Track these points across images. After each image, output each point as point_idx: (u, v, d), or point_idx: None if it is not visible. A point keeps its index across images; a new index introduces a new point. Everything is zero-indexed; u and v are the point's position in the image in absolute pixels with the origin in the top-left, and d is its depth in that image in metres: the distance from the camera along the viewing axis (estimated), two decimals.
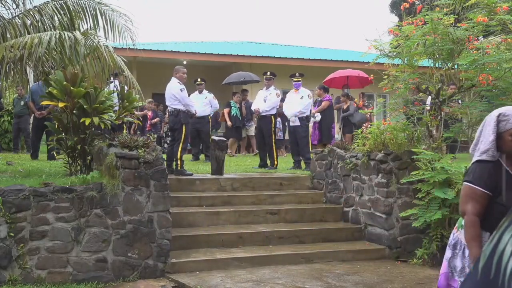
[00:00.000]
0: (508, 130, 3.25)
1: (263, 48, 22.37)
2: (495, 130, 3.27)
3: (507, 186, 3.24)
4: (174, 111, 9.33)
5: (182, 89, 9.31)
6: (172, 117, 9.45)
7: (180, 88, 9.30)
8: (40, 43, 7.05)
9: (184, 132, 9.27)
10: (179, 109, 9.25)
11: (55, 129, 7.69)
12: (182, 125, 9.24)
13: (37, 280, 5.89)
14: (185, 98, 9.32)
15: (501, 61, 6.69)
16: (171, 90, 9.36)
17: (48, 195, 6.04)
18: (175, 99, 9.29)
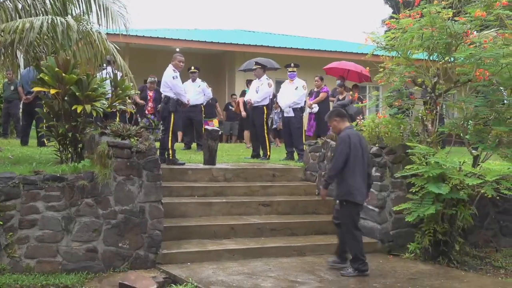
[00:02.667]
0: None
1: (257, 37, 22.22)
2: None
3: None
4: (165, 98, 9.22)
5: (174, 77, 9.19)
6: (163, 104, 9.36)
7: (173, 76, 9.18)
8: (31, 28, 6.92)
9: (172, 121, 9.13)
10: (170, 97, 9.14)
11: (45, 115, 7.57)
12: (170, 113, 9.12)
13: (26, 270, 5.82)
14: (176, 86, 9.18)
15: (498, 57, 6.64)
16: (165, 78, 9.25)
17: (38, 183, 5.95)
18: (167, 86, 9.18)
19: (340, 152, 5.98)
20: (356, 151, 5.99)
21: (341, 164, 5.95)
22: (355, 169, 5.99)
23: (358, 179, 6.01)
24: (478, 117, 7.19)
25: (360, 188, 6.03)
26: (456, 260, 6.87)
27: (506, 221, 8.15)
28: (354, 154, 5.98)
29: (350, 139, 6.00)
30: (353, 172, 5.98)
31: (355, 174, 5.98)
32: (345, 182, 6.00)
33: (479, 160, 7.20)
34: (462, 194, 6.59)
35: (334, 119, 6.35)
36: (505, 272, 6.74)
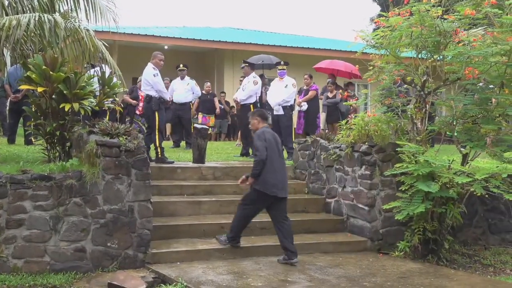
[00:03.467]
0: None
1: (246, 35, 22.17)
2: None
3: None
4: (147, 97, 9.13)
5: (155, 75, 9.10)
6: (145, 104, 9.28)
7: (154, 74, 9.09)
8: (18, 25, 6.82)
9: (158, 119, 9.07)
10: (151, 95, 9.05)
11: (32, 114, 7.49)
12: (153, 112, 9.05)
13: (13, 270, 5.76)
14: (158, 83, 9.09)
15: (487, 55, 6.66)
16: (145, 76, 9.17)
17: (25, 182, 5.89)
18: (148, 84, 9.09)
19: (259, 145, 6.43)
20: (271, 146, 6.46)
21: (263, 154, 6.35)
22: (273, 164, 6.41)
23: (274, 173, 6.40)
24: (467, 116, 7.21)
25: (272, 182, 6.38)
26: (445, 258, 6.90)
27: (495, 219, 8.19)
28: (270, 148, 6.42)
29: (265, 135, 6.50)
30: (270, 165, 6.38)
31: (271, 168, 6.39)
32: (263, 175, 6.36)
33: (468, 158, 7.22)
34: (452, 193, 6.61)
35: (256, 118, 6.79)
36: (494, 270, 6.78)
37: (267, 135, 6.55)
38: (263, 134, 6.54)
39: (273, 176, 6.40)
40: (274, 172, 6.42)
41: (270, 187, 6.39)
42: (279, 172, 6.51)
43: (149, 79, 9.05)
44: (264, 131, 6.60)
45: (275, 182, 6.41)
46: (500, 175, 6.49)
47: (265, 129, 6.67)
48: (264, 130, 6.63)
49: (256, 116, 6.82)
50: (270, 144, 6.47)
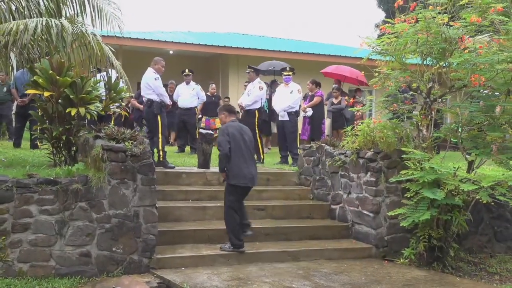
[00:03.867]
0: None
1: (250, 40, 22.21)
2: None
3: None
4: (148, 101, 9.16)
5: (156, 78, 9.16)
6: (146, 108, 9.31)
7: (155, 78, 9.15)
8: (26, 30, 6.85)
9: (160, 123, 9.11)
10: (153, 100, 9.09)
11: (39, 118, 7.52)
12: (155, 116, 9.09)
13: (18, 274, 5.76)
14: (159, 87, 9.15)
15: (493, 62, 6.65)
16: (146, 80, 9.21)
17: (31, 186, 5.90)
18: (149, 88, 9.13)
19: (221, 140, 6.71)
20: (235, 139, 6.70)
21: (226, 149, 6.61)
22: (238, 156, 6.67)
23: (240, 165, 6.66)
24: (473, 123, 7.20)
25: (241, 173, 6.65)
26: (450, 266, 6.87)
27: (501, 227, 8.16)
28: (234, 142, 6.68)
29: (228, 130, 6.75)
30: (234, 159, 6.65)
31: (236, 160, 6.65)
32: (230, 167, 6.66)
33: (473, 165, 7.21)
34: (457, 200, 6.58)
35: (223, 112, 7.10)
36: (500, 278, 6.75)
37: (231, 129, 6.76)
38: (226, 128, 6.78)
39: (243, 168, 6.67)
40: (244, 164, 6.69)
41: (243, 179, 6.67)
42: (249, 163, 6.76)
43: (151, 83, 9.09)
44: (228, 126, 6.84)
45: (245, 173, 6.69)
46: (506, 182, 6.47)
47: (230, 124, 6.90)
48: (228, 125, 6.87)
49: (223, 111, 7.10)
50: (234, 137, 6.70)
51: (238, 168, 6.66)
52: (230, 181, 6.68)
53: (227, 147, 6.61)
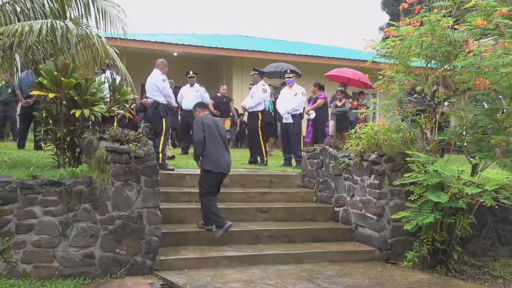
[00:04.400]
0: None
1: (254, 42, 22.23)
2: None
3: None
4: (154, 103, 9.16)
5: (164, 80, 9.18)
6: (152, 109, 9.30)
7: (163, 79, 9.17)
8: (31, 32, 6.88)
9: (165, 125, 9.12)
10: (159, 102, 9.09)
11: (43, 119, 7.54)
12: (161, 118, 9.09)
13: (22, 275, 5.77)
14: (167, 89, 9.17)
15: (498, 66, 6.64)
16: (153, 81, 9.20)
17: (35, 188, 5.91)
18: (156, 90, 9.13)
19: (196, 129, 7.19)
20: (209, 129, 7.12)
21: (200, 138, 7.05)
22: (212, 144, 7.08)
23: (214, 153, 7.06)
24: (477, 126, 7.19)
25: (215, 160, 7.06)
26: (454, 269, 6.85)
27: (504, 230, 8.14)
28: (208, 132, 7.09)
29: (203, 120, 7.18)
30: (210, 147, 7.06)
31: (211, 148, 7.07)
32: (206, 155, 7.07)
33: (478, 169, 7.19)
34: (461, 203, 6.57)
35: (197, 109, 7.57)
36: (503, 281, 6.73)
37: (205, 119, 7.23)
38: (201, 119, 7.24)
39: (217, 156, 7.08)
40: (217, 152, 7.10)
41: (218, 166, 7.06)
42: (223, 152, 7.18)
43: (159, 85, 9.10)
44: (202, 117, 7.29)
45: (220, 161, 7.09)
46: (510, 186, 6.46)
47: (204, 116, 7.35)
48: (203, 116, 7.32)
49: (196, 108, 7.61)
50: (208, 127, 7.12)
51: (213, 156, 7.05)
52: (206, 167, 7.03)
53: (201, 135, 7.03)
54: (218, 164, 7.06)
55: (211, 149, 7.06)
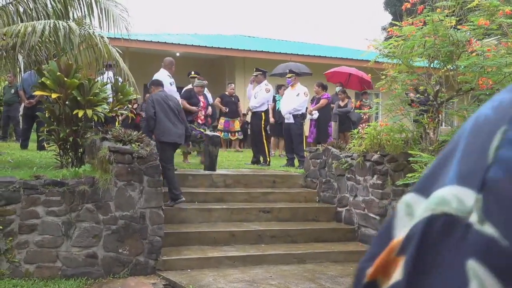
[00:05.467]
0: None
1: (257, 42, 22.22)
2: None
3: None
4: None
5: (171, 83, 9.18)
6: None
7: (170, 82, 9.17)
8: (33, 32, 6.89)
9: None
10: None
11: (46, 120, 7.55)
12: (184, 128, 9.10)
13: (25, 275, 5.78)
14: (174, 93, 9.18)
15: (501, 65, 6.63)
16: None
17: (38, 188, 5.92)
18: None
19: (146, 107, 7.80)
20: (160, 105, 7.51)
21: (150, 114, 7.52)
22: (164, 117, 7.47)
23: (167, 125, 7.47)
24: None
25: (169, 131, 7.49)
26: None
27: None
28: (159, 107, 7.48)
29: (153, 97, 7.63)
30: (162, 120, 7.46)
31: (164, 121, 7.47)
32: (159, 127, 7.49)
33: None
34: None
35: (151, 87, 8.06)
36: None
37: (155, 96, 7.69)
38: (151, 97, 7.73)
39: (170, 127, 7.48)
40: (170, 124, 7.49)
41: (171, 136, 7.49)
42: (175, 124, 7.55)
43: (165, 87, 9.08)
44: (153, 95, 7.76)
45: (172, 132, 7.51)
46: None
47: (156, 93, 7.77)
48: (154, 95, 7.76)
49: (151, 86, 8.09)
50: (158, 103, 7.54)
51: (166, 127, 7.48)
52: (160, 139, 7.42)
53: (151, 111, 7.49)
54: (169, 134, 7.48)
55: (164, 122, 7.46)
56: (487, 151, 0.50)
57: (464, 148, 0.53)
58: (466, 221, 0.49)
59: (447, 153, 0.56)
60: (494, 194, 0.48)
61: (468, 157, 0.52)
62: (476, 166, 0.50)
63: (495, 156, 0.49)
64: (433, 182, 0.55)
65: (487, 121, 0.53)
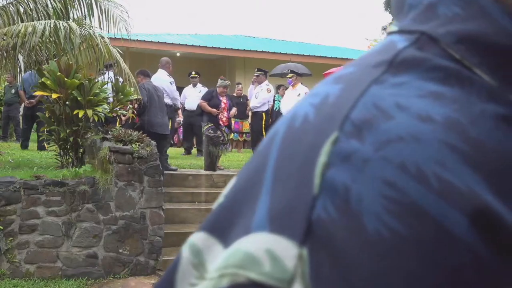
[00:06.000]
0: None
1: (257, 42, 22.23)
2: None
3: None
4: None
5: (171, 82, 9.19)
6: None
7: (170, 82, 9.18)
8: (34, 32, 6.90)
9: (170, 127, 9.15)
10: (166, 103, 9.09)
11: (46, 120, 7.55)
12: (168, 119, 9.11)
13: (25, 275, 5.78)
14: (174, 91, 9.21)
15: None
16: (160, 83, 9.18)
17: (39, 188, 5.92)
18: (163, 91, 9.13)
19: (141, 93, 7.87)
20: (150, 93, 7.94)
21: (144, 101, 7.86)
22: (152, 108, 7.89)
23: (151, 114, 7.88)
24: None
25: (155, 123, 7.89)
26: None
27: None
28: (149, 96, 7.91)
29: (144, 86, 8.02)
30: (151, 111, 7.88)
31: (151, 112, 7.90)
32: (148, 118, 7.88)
33: None
34: None
35: (139, 76, 8.36)
36: None
37: (146, 85, 8.09)
38: (143, 85, 8.06)
39: (153, 117, 7.90)
40: (154, 114, 7.91)
41: (151, 127, 7.80)
42: (156, 113, 7.96)
43: (165, 87, 9.09)
44: (144, 83, 8.14)
45: (154, 122, 7.88)
46: None
47: (145, 83, 8.20)
48: (145, 83, 8.17)
49: (139, 75, 8.37)
50: (149, 92, 7.94)
51: (150, 117, 7.88)
52: (147, 128, 7.71)
53: (145, 99, 7.86)
54: (152, 125, 7.84)
55: (150, 111, 7.87)
56: (310, 174, 0.31)
57: (276, 169, 0.33)
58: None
59: (253, 173, 0.36)
60: (325, 246, 0.29)
61: (284, 183, 0.32)
62: (295, 199, 0.31)
63: (322, 181, 0.31)
64: (234, 218, 0.35)
65: (307, 126, 0.34)
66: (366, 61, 0.37)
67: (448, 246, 0.28)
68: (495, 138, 0.32)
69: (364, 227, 0.29)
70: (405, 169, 0.30)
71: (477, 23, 0.35)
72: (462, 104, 0.33)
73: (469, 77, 0.34)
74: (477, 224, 0.29)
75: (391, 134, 0.31)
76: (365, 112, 0.32)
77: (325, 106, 0.34)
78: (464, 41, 0.35)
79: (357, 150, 0.31)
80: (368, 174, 0.30)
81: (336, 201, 0.30)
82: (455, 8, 0.36)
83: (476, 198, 0.29)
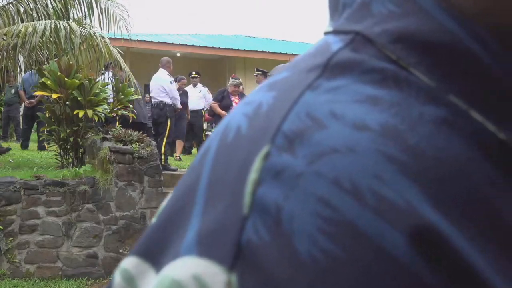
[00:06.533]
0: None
1: (257, 43, 22.23)
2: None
3: None
4: (160, 103, 9.12)
5: (171, 82, 9.16)
6: (157, 110, 9.24)
7: (170, 81, 9.14)
8: (34, 32, 6.91)
9: (169, 126, 9.12)
10: (165, 102, 9.07)
11: (46, 120, 7.56)
12: (167, 118, 9.08)
13: (25, 275, 5.78)
14: (174, 91, 9.16)
15: None
16: (160, 82, 9.17)
17: (39, 188, 5.93)
18: (163, 91, 9.10)
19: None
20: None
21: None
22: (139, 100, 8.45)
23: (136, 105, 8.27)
24: None
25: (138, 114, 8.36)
26: None
27: None
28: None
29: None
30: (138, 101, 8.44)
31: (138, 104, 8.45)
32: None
33: None
34: None
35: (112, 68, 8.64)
36: None
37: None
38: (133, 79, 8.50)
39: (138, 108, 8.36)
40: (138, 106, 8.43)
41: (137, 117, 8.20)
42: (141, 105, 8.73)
43: (166, 86, 9.08)
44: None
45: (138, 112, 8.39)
46: None
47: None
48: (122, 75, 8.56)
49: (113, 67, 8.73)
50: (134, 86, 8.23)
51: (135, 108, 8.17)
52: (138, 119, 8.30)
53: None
54: (137, 115, 8.17)
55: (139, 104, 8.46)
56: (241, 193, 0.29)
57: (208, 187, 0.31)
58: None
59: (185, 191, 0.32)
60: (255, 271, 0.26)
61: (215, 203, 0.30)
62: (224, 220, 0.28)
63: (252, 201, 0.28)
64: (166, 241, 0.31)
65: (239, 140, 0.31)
66: (300, 65, 0.35)
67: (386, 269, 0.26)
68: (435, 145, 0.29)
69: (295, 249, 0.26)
70: (339, 185, 0.27)
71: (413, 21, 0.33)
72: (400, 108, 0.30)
73: (406, 78, 0.32)
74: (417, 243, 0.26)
75: (324, 146, 0.28)
76: (298, 123, 0.30)
77: (258, 116, 0.31)
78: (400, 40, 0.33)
79: (289, 165, 0.28)
80: (300, 191, 0.27)
81: (267, 222, 0.27)
82: (390, 5, 0.34)
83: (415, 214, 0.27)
